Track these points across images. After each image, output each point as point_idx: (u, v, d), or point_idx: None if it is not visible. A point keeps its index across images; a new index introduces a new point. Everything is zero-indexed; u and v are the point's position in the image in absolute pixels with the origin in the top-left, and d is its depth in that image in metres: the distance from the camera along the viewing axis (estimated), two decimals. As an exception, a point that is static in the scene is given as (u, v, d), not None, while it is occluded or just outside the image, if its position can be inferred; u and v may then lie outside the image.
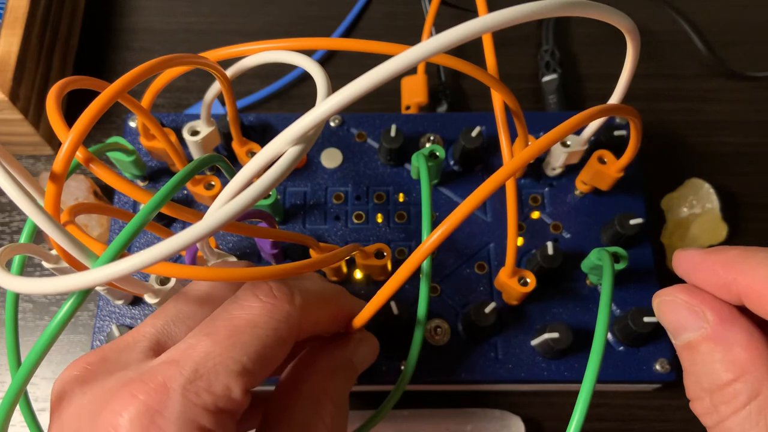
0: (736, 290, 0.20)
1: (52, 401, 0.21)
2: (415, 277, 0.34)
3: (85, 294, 0.20)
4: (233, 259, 0.30)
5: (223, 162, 0.27)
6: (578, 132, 0.34)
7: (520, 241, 0.35)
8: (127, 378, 0.19)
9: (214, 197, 0.34)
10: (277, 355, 0.21)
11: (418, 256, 0.24)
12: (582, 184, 0.35)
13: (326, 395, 0.23)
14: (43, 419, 0.25)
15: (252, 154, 0.35)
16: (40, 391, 0.36)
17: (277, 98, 0.45)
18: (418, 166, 0.32)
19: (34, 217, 0.20)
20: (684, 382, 0.21)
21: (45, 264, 0.27)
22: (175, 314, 0.22)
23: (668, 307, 0.21)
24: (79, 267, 0.24)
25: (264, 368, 0.21)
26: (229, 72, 0.29)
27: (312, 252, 0.30)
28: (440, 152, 0.33)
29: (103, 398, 0.19)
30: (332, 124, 0.38)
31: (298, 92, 0.45)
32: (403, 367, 0.32)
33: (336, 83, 0.20)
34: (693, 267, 0.21)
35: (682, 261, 0.22)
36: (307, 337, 0.24)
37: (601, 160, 0.33)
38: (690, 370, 0.20)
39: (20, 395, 0.20)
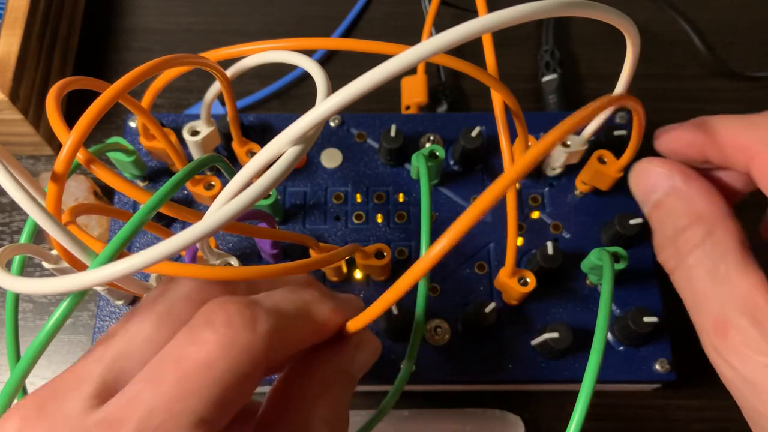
0: (703, 147, 0.24)
1: None
2: (415, 277, 0.34)
3: (84, 292, 0.20)
4: (233, 259, 0.30)
5: (222, 162, 0.27)
6: (578, 132, 0.34)
7: (520, 241, 0.35)
8: None
9: (214, 197, 0.34)
10: (242, 393, 0.18)
11: (422, 266, 0.21)
12: (582, 184, 0.35)
13: (321, 419, 0.20)
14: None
15: (252, 154, 0.35)
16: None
17: (277, 98, 0.45)
18: (418, 166, 0.32)
19: (37, 217, 0.20)
20: (653, 242, 0.25)
21: (45, 264, 0.27)
22: (127, 343, 0.19)
23: (642, 174, 0.25)
24: (79, 267, 0.24)
25: (227, 411, 0.18)
26: (229, 72, 0.29)
27: (312, 252, 0.30)
28: (440, 152, 0.33)
29: None
30: (332, 124, 0.38)
31: (298, 92, 0.45)
32: (402, 367, 0.32)
33: (336, 83, 0.20)
34: (669, 130, 0.26)
35: (661, 133, 0.26)
36: (288, 357, 0.21)
37: (601, 160, 0.33)
38: (657, 227, 0.25)
39: (16, 393, 0.20)
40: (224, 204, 0.20)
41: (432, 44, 0.18)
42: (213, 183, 0.34)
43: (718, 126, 0.24)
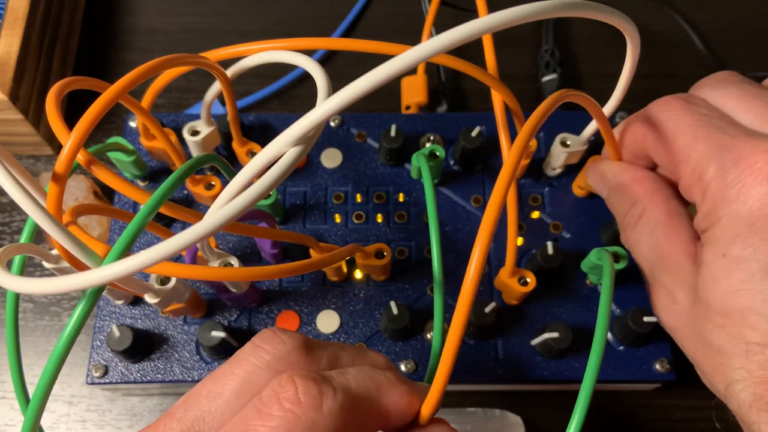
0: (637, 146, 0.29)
1: None
2: (417, 279, 0.34)
3: (95, 297, 0.20)
4: (233, 259, 0.30)
5: (219, 161, 0.27)
6: (578, 132, 0.34)
7: (520, 241, 0.35)
8: None
9: (214, 197, 0.34)
10: None
11: (464, 307, 0.19)
12: (578, 189, 0.35)
13: None
14: (45, 420, 0.25)
15: (252, 154, 0.35)
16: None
17: (277, 98, 0.45)
18: (418, 166, 0.32)
19: (37, 218, 0.20)
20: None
21: (45, 264, 0.27)
22: (207, 406, 0.20)
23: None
24: (80, 267, 0.24)
25: None
26: (229, 72, 0.29)
27: (312, 252, 0.30)
28: (440, 152, 0.33)
29: None
30: (332, 124, 0.38)
31: (298, 92, 0.45)
32: (403, 368, 0.32)
33: (336, 83, 0.20)
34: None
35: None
36: None
37: None
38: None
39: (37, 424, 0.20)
40: (225, 204, 0.20)
41: (432, 45, 0.18)
42: (213, 183, 0.34)
43: (618, 132, 0.30)
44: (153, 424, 0.20)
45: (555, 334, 0.31)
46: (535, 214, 0.36)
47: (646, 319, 0.31)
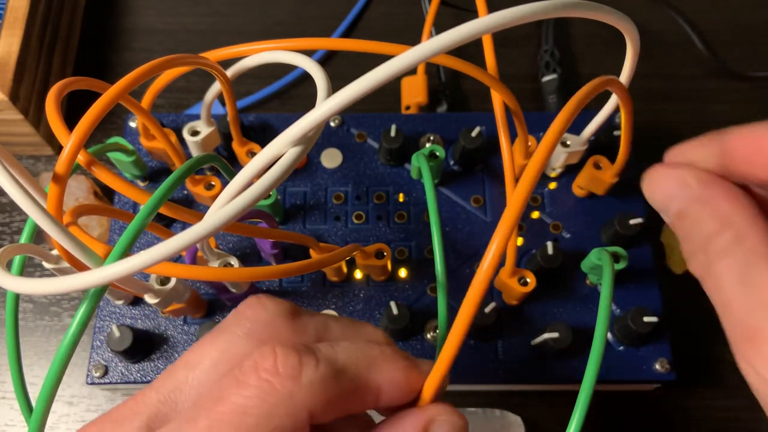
0: (718, 158, 0.22)
1: None
2: (417, 279, 0.34)
3: (97, 299, 0.20)
4: (233, 259, 0.30)
5: (219, 161, 0.27)
6: (578, 132, 0.34)
7: (520, 241, 0.35)
8: None
9: (214, 197, 0.34)
10: None
11: (478, 288, 0.18)
12: (578, 189, 0.36)
13: None
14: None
15: (252, 154, 0.35)
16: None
17: (277, 98, 0.45)
18: (418, 166, 0.32)
19: (37, 218, 0.20)
20: (683, 254, 0.22)
21: (45, 264, 0.27)
22: (185, 375, 0.19)
23: (655, 183, 0.23)
24: (80, 267, 0.24)
25: None
26: (230, 72, 0.29)
27: (312, 252, 0.30)
28: (440, 152, 0.33)
29: None
30: (332, 124, 0.38)
31: (298, 92, 0.45)
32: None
33: (336, 83, 0.20)
34: (680, 147, 0.23)
35: (671, 151, 0.23)
36: (342, 415, 0.19)
37: (597, 166, 0.33)
38: (685, 236, 0.22)
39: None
40: (225, 204, 0.20)
41: (432, 45, 0.18)
42: (213, 183, 0.34)
43: (732, 137, 0.22)
44: (137, 393, 0.19)
45: (555, 334, 0.31)
46: (535, 214, 0.36)
47: (646, 319, 0.31)
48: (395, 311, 0.31)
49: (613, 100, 0.30)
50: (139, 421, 0.18)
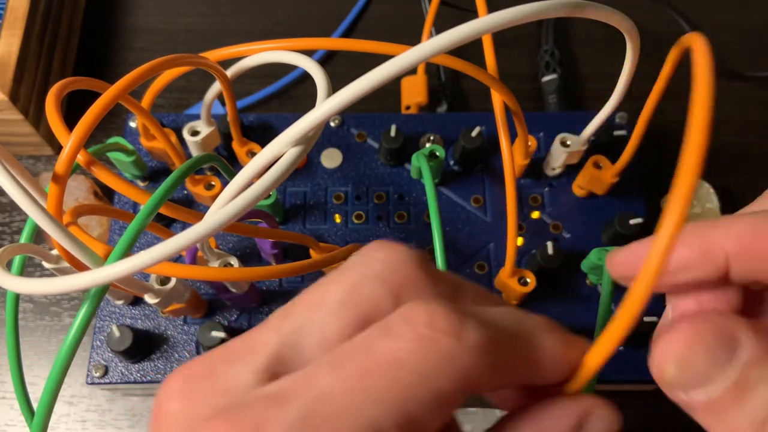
0: (718, 256, 0.17)
1: (152, 412, 0.17)
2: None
3: (98, 299, 0.20)
4: (233, 259, 0.30)
5: (219, 161, 0.27)
6: (578, 132, 0.34)
7: (520, 241, 0.35)
8: (224, 409, 0.15)
9: (214, 197, 0.34)
10: (431, 413, 0.14)
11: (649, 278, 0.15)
12: (578, 188, 0.35)
13: None
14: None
15: (252, 154, 0.35)
16: (41, 391, 0.36)
17: (277, 98, 0.45)
18: (418, 166, 0.32)
19: (37, 218, 0.20)
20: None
21: (45, 264, 0.27)
22: (308, 316, 0.16)
23: (699, 344, 0.16)
24: (80, 267, 0.24)
25: (407, 428, 0.14)
26: (229, 72, 0.29)
27: (312, 252, 0.30)
28: (440, 152, 0.33)
29: (195, 426, 0.15)
30: (332, 124, 0.38)
31: (298, 92, 0.45)
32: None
33: (336, 83, 0.20)
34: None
35: (626, 256, 0.19)
36: (497, 388, 0.17)
37: (597, 165, 0.33)
38: (737, 405, 0.16)
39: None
40: (225, 204, 0.20)
41: (432, 45, 0.18)
42: (213, 183, 0.34)
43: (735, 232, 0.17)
44: (247, 333, 0.16)
45: (555, 334, 0.30)
46: (535, 214, 0.36)
47: (646, 318, 0.31)
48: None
49: (614, 100, 0.30)
50: (258, 362, 0.16)
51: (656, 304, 0.33)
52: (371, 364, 0.14)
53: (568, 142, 0.34)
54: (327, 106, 0.19)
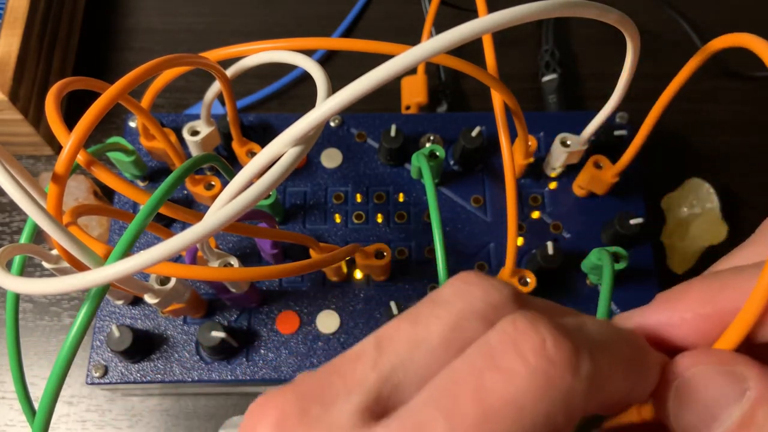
0: (720, 317, 0.17)
1: None
2: (417, 279, 0.34)
3: (99, 299, 0.19)
4: (233, 259, 0.30)
5: (219, 161, 0.27)
6: (578, 132, 0.34)
7: (520, 241, 0.35)
8: None
9: (214, 197, 0.34)
10: None
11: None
12: (579, 188, 0.36)
13: None
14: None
15: (252, 154, 0.35)
16: (41, 391, 0.36)
17: (277, 98, 0.45)
18: (418, 166, 0.32)
19: (37, 218, 0.20)
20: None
21: (45, 264, 0.27)
22: (409, 352, 0.15)
23: (704, 380, 0.16)
24: (80, 267, 0.24)
25: None
26: (229, 72, 0.29)
27: (312, 252, 0.30)
28: (440, 152, 0.33)
29: None
30: (332, 124, 0.38)
31: (298, 92, 0.45)
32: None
33: (336, 83, 0.20)
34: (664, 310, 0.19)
35: (645, 316, 0.19)
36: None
37: (598, 165, 0.33)
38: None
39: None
40: (224, 204, 0.20)
41: (433, 45, 0.18)
42: (213, 183, 0.34)
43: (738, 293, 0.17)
44: (340, 367, 0.15)
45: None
46: (535, 214, 0.36)
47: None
48: (395, 311, 0.31)
49: (614, 100, 0.30)
50: (357, 402, 0.14)
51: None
52: (490, 407, 0.13)
53: (569, 142, 0.34)
54: (327, 106, 0.19)
